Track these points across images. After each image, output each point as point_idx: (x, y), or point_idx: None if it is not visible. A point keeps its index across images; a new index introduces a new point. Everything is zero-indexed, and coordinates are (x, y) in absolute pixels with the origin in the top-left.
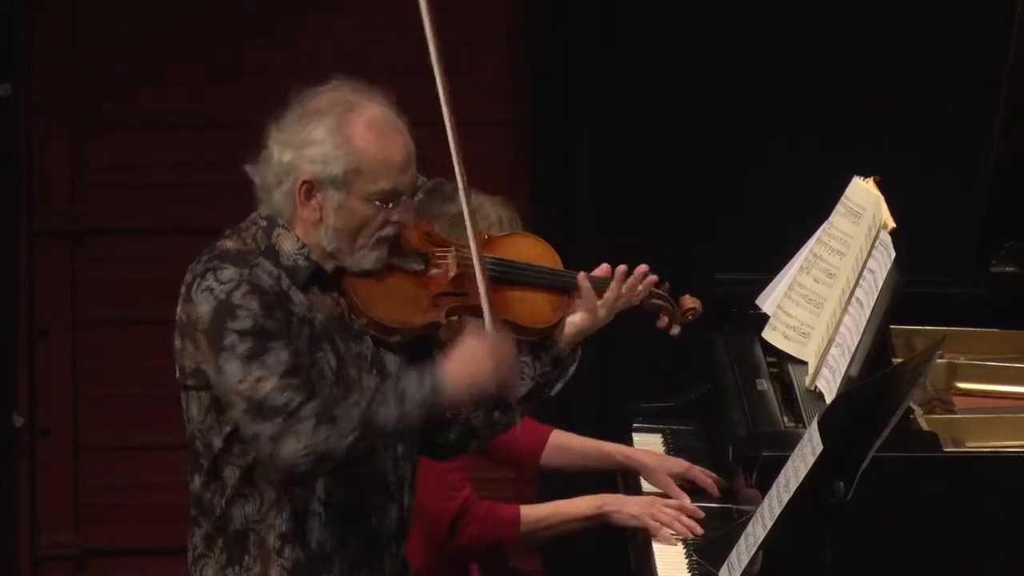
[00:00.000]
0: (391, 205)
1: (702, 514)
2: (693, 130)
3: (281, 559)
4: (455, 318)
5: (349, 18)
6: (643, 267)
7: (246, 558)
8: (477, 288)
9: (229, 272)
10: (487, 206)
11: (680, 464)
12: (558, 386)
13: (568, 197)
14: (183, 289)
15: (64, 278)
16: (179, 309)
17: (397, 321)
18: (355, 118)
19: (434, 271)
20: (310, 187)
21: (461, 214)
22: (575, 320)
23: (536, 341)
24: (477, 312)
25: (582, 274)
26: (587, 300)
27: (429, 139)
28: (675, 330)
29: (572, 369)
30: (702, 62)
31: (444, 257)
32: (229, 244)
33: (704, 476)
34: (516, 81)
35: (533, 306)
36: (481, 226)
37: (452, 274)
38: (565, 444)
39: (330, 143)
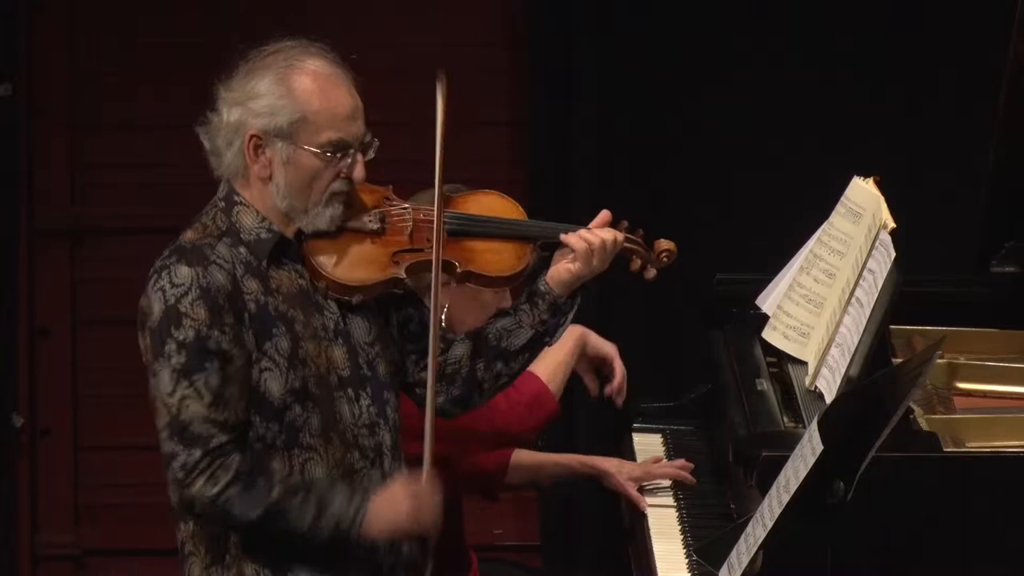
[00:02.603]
0: (340, 157)
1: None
2: (693, 130)
3: (269, 551)
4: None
5: (349, 18)
6: (605, 212)
7: (227, 557)
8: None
9: (184, 272)
10: None
11: (639, 467)
12: (558, 333)
13: (568, 197)
14: (147, 281)
15: (64, 278)
16: (141, 300)
17: (356, 280)
18: (298, 70)
19: (392, 230)
20: (259, 141)
21: None
22: (568, 268)
23: (532, 289)
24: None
25: (564, 233)
26: (576, 248)
27: (427, 140)
28: (650, 273)
29: (571, 316)
30: (702, 62)
31: (402, 216)
32: (189, 235)
33: (664, 470)
34: (516, 81)
35: (495, 256)
36: None
37: (410, 230)
38: (525, 463)
39: (274, 94)
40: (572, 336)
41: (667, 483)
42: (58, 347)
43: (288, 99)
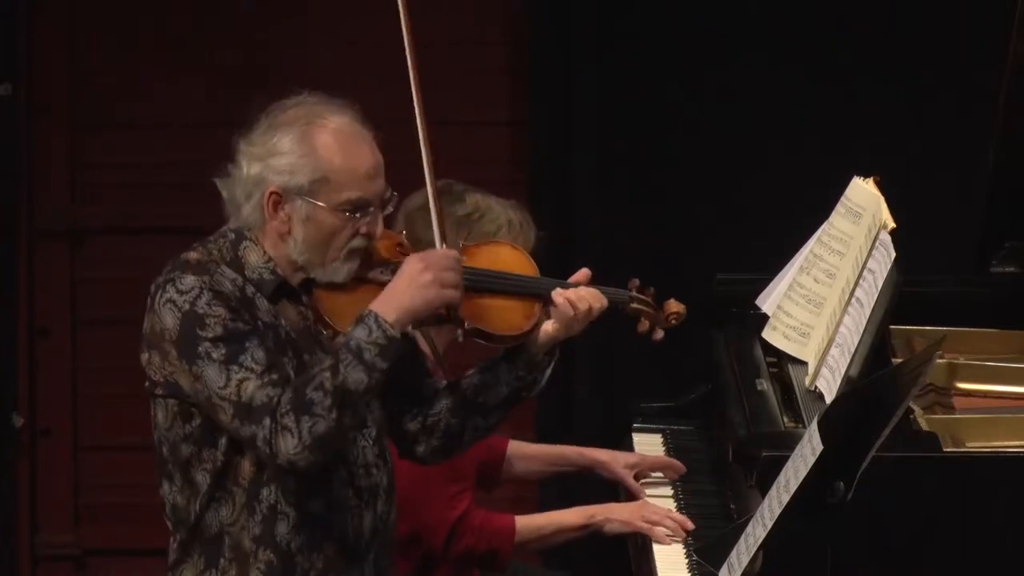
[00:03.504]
0: (359, 215)
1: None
2: (693, 130)
3: (257, 561)
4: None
5: (350, 18)
6: (584, 271)
7: (222, 561)
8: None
9: (189, 281)
10: (496, 208)
11: (634, 455)
12: (535, 389)
13: (568, 197)
14: (148, 301)
15: (64, 278)
16: (144, 321)
17: None
18: (320, 128)
19: None
20: (278, 198)
21: (468, 215)
22: (547, 329)
23: (511, 347)
24: (445, 320)
25: (557, 290)
26: (562, 313)
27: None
28: (658, 335)
29: (548, 372)
30: (702, 62)
31: None
32: (192, 256)
33: (658, 462)
34: (516, 81)
35: (504, 314)
36: (488, 229)
37: None
38: (522, 453)
39: (296, 153)
40: (583, 515)
41: (667, 482)
42: (58, 347)
43: (310, 157)
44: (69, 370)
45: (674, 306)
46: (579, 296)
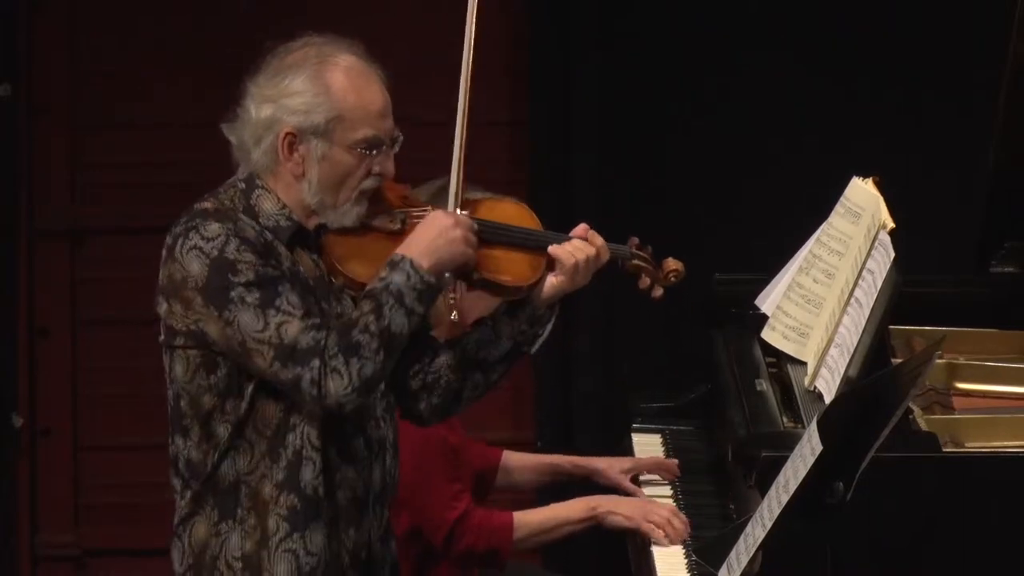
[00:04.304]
0: (374, 153)
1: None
2: (693, 130)
3: (278, 507)
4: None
5: (350, 18)
6: (583, 225)
7: (239, 511)
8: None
9: (214, 228)
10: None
11: (628, 460)
12: (536, 344)
13: (568, 197)
14: (164, 252)
15: (64, 278)
16: (161, 272)
17: (373, 279)
18: (332, 67)
19: (411, 231)
20: (293, 138)
21: None
22: (551, 281)
23: (512, 300)
24: (457, 275)
25: (552, 246)
26: (566, 263)
27: (427, 139)
28: (657, 292)
29: (549, 327)
30: (702, 62)
31: (422, 217)
32: (208, 204)
33: (653, 464)
34: (516, 81)
35: (511, 265)
36: None
37: None
38: (516, 464)
39: (310, 92)
40: (584, 507)
41: (665, 483)
42: (58, 347)
43: (325, 96)
44: (69, 370)
45: (672, 263)
46: (582, 246)
